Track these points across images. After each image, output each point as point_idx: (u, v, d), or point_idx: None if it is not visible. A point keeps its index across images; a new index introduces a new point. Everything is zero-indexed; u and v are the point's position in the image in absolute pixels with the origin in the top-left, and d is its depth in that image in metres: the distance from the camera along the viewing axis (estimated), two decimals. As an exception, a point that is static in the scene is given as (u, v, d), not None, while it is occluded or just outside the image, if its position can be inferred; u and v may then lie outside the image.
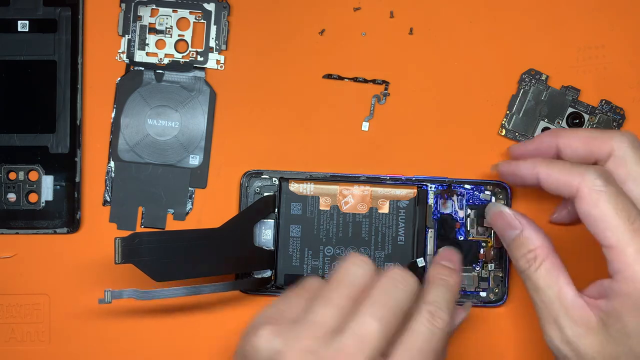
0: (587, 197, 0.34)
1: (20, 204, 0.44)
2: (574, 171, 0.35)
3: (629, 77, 0.45)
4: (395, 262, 0.42)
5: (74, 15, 0.44)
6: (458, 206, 0.43)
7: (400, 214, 0.42)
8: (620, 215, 0.34)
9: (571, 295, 0.35)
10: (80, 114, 0.44)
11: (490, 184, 0.42)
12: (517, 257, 0.37)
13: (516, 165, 0.39)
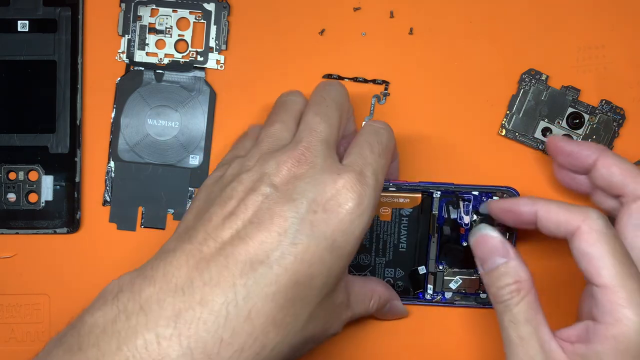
0: (587, 235, 0.34)
1: (20, 204, 0.44)
2: (575, 210, 0.35)
3: (629, 77, 0.45)
4: (396, 269, 0.42)
5: (73, 15, 0.44)
6: (464, 211, 0.41)
7: (403, 222, 0.41)
8: (618, 258, 0.34)
9: (547, 336, 0.35)
10: (80, 114, 0.44)
11: (499, 190, 0.41)
12: (499, 286, 0.36)
13: (514, 202, 0.38)
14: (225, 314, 0.31)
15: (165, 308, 0.31)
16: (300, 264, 0.32)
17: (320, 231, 0.33)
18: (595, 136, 0.44)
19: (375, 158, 0.36)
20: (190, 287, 0.31)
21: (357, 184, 0.34)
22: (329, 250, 0.33)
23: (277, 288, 0.32)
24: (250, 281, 0.31)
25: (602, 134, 0.44)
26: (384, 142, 0.37)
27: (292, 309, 0.32)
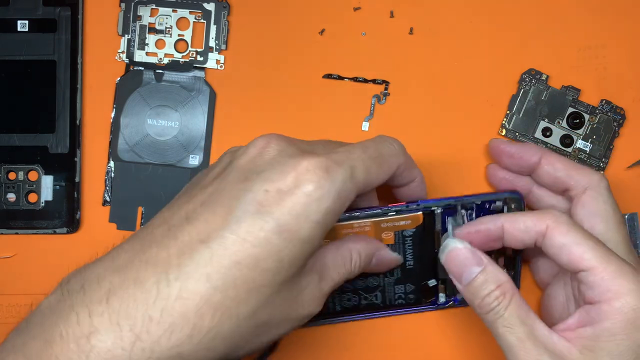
0: (559, 229, 0.35)
1: (20, 204, 0.43)
2: (540, 214, 0.36)
3: (629, 77, 0.45)
4: (406, 284, 0.41)
5: (73, 15, 0.44)
6: (468, 219, 0.40)
7: (407, 242, 0.40)
8: (593, 240, 0.35)
9: (546, 331, 0.35)
10: (80, 113, 0.44)
11: (501, 197, 0.40)
12: (483, 295, 0.35)
13: (478, 222, 0.38)
14: (156, 292, 0.30)
15: (103, 286, 0.31)
16: (241, 244, 0.30)
17: (268, 211, 0.30)
18: (595, 136, 0.44)
19: (363, 157, 0.34)
20: (128, 266, 0.31)
21: (321, 170, 0.31)
22: (276, 232, 0.30)
23: (214, 268, 0.30)
24: (187, 261, 0.30)
25: (602, 134, 0.44)
26: (381, 150, 0.35)
27: (234, 291, 0.30)
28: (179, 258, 0.30)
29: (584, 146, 0.44)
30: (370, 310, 0.42)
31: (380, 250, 0.39)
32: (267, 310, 0.32)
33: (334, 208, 0.32)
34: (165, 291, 0.30)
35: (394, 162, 0.36)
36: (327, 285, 0.35)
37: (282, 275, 0.31)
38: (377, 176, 0.34)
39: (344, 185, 0.32)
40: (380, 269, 0.40)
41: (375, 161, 0.34)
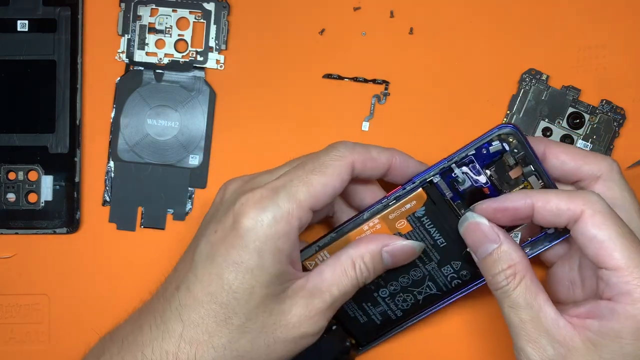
0: (593, 219, 0.34)
1: (20, 204, 0.43)
2: (575, 195, 0.35)
3: (629, 77, 0.45)
4: (451, 263, 0.39)
5: (73, 15, 0.44)
6: (474, 174, 0.37)
7: (425, 222, 0.38)
8: (627, 238, 0.33)
9: (553, 314, 0.34)
10: (80, 113, 0.44)
11: (493, 136, 0.37)
12: (494, 272, 0.35)
13: (505, 199, 0.36)
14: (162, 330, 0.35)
15: None
16: (200, 284, 0.34)
17: (216, 251, 0.34)
18: (595, 136, 0.44)
19: (300, 174, 0.35)
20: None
21: (254, 203, 0.34)
22: (224, 268, 0.34)
23: (184, 309, 0.35)
24: (170, 305, 0.35)
25: (603, 134, 0.44)
26: (322, 160, 0.36)
27: (202, 326, 0.34)
28: (162, 316, 0.35)
29: (584, 146, 0.44)
30: (431, 303, 0.40)
31: (388, 245, 0.38)
32: (245, 338, 0.35)
33: (277, 231, 0.34)
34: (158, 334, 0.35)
35: (340, 164, 0.36)
36: (321, 302, 0.36)
37: (245, 305, 0.34)
38: (323, 186, 0.35)
39: (279, 209, 0.34)
40: (401, 261, 0.38)
41: (316, 172, 0.35)
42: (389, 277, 0.39)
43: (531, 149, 0.37)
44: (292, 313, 0.35)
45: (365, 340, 0.42)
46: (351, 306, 0.40)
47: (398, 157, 0.38)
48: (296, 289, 0.35)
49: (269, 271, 0.34)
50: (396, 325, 0.41)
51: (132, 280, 0.44)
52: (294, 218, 0.34)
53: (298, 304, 0.35)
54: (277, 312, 0.35)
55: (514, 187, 0.38)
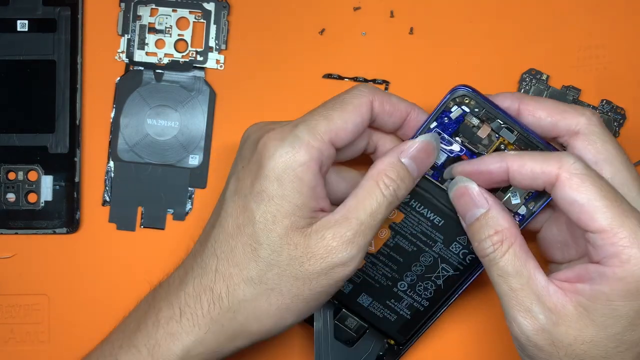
0: (570, 182, 0.32)
1: (20, 204, 0.43)
2: (550, 158, 0.33)
3: (629, 77, 0.44)
4: (457, 239, 0.38)
5: (73, 15, 0.44)
6: (446, 144, 0.37)
7: (414, 205, 0.38)
8: (609, 198, 0.32)
9: (543, 281, 0.33)
10: (80, 113, 0.44)
11: (447, 101, 0.36)
12: (481, 238, 0.34)
13: (480, 162, 0.35)
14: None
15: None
16: (230, 217, 0.35)
17: (241, 186, 0.35)
18: (595, 136, 0.44)
19: (320, 111, 0.35)
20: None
21: (277, 139, 0.34)
22: (251, 200, 0.34)
23: (218, 242, 0.36)
24: (207, 243, 0.37)
25: (603, 134, 0.44)
26: (343, 97, 0.36)
27: (237, 259, 0.35)
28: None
29: (584, 146, 0.44)
30: (453, 284, 0.39)
31: (403, 151, 0.36)
32: (273, 271, 0.34)
33: (295, 160, 0.34)
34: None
35: (360, 102, 0.36)
36: (348, 229, 0.34)
37: (268, 235, 0.34)
38: (344, 121, 0.35)
39: (297, 139, 0.34)
40: (426, 161, 0.37)
41: (337, 108, 0.35)
42: (401, 269, 0.39)
43: (490, 103, 0.36)
44: (318, 245, 0.34)
45: (402, 338, 0.41)
46: (377, 306, 0.40)
47: (416, 112, 0.37)
48: (322, 224, 0.34)
49: (291, 200, 0.34)
50: (428, 317, 0.40)
51: (132, 280, 0.44)
52: (314, 149, 0.34)
53: (325, 237, 0.34)
54: (303, 246, 0.34)
55: (490, 147, 0.37)
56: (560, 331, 0.33)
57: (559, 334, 0.33)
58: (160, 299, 0.36)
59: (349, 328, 0.41)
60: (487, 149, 0.37)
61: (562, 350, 0.33)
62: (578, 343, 0.32)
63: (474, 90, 0.36)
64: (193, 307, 0.35)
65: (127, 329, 0.37)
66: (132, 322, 0.37)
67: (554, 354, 0.33)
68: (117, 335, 0.37)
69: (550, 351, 0.33)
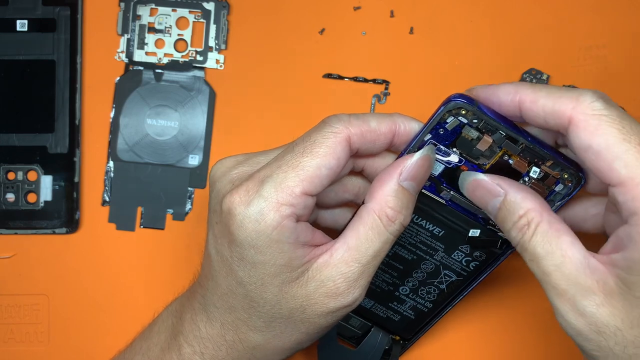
0: (585, 124, 0.28)
1: (19, 204, 0.43)
2: (565, 95, 0.29)
3: (629, 77, 0.44)
4: (459, 248, 0.37)
5: (73, 15, 0.44)
6: (443, 155, 0.34)
7: (413, 218, 0.36)
8: (630, 140, 0.27)
9: (579, 258, 0.29)
10: (79, 113, 0.44)
11: (441, 113, 0.32)
12: (508, 227, 0.31)
13: (494, 89, 0.31)
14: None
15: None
16: (221, 276, 0.33)
17: (220, 246, 0.33)
18: (596, 136, 0.44)
19: (288, 159, 0.31)
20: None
21: (245, 196, 0.31)
22: (235, 264, 0.32)
23: (217, 297, 0.34)
24: (205, 295, 0.35)
25: (603, 134, 0.44)
26: (312, 138, 0.32)
27: (239, 313, 0.34)
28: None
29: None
30: (457, 288, 0.38)
31: (402, 174, 0.32)
32: (277, 321, 0.33)
33: (267, 225, 0.31)
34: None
35: (333, 142, 0.31)
36: (351, 273, 0.32)
37: (263, 296, 0.32)
38: (316, 167, 0.31)
39: (265, 201, 0.31)
40: (425, 175, 0.33)
41: (306, 154, 0.31)
42: (402, 275, 0.39)
43: (489, 113, 0.32)
44: (318, 292, 0.32)
45: (408, 335, 0.41)
46: (380, 308, 0.40)
47: (401, 124, 0.33)
48: (320, 267, 0.32)
49: (273, 263, 0.31)
50: (433, 316, 0.40)
51: (132, 280, 0.44)
52: (285, 206, 0.31)
53: (325, 283, 0.32)
54: (302, 296, 0.32)
55: (492, 157, 0.33)
56: (605, 313, 0.28)
57: (603, 318, 0.28)
58: (178, 333, 0.35)
59: (352, 326, 0.41)
60: (489, 160, 0.33)
61: (611, 338, 0.28)
62: (627, 327, 0.27)
63: (471, 101, 0.32)
64: (212, 349, 0.34)
65: (150, 354, 0.36)
66: (154, 346, 0.36)
67: (603, 345, 0.28)
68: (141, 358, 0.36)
69: (598, 341, 0.28)
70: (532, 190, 0.32)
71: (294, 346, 0.34)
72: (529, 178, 0.33)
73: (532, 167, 0.33)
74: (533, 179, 0.33)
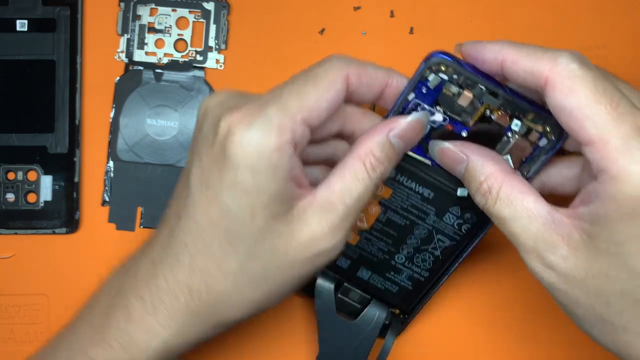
0: (560, 86, 0.29)
1: (19, 204, 0.43)
2: (544, 55, 0.30)
3: (629, 77, 0.44)
4: (450, 209, 0.37)
5: (72, 15, 0.44)
6: (426, 113, 0.35)
7: (402, 180, 0.37)
8: (601, 101, 0.28)
9: (543, 215, 0.30)
10: (79, 113, 0.44)
11: (422, 70, 0.34)
12: (473, 193, 0.33)
13: (481, 47, 0.32)
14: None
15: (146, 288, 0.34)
16: (200, 210, 0.33)
17: (207, 176, 0.32)
18: (595, 136, 0.44)
19: (290, 87, 0.32)
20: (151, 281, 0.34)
21: (246, 117, 0.31)
22: (225, 193, 0.32)
23: (189, 236, 0.33)
24: (175, 235, 0.34)
25: (603, 134, 0.44)
26: (314, 71, 0.32)
27: (214, 253, 0.33)
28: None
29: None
30: (452, 254, 0.39)
31: (394, 129, 0.34)
32: (256, 263, 0.32)
33: (268, 146, 0.30)
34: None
35: (334, 77, 0.32)
36: (335, 216, 0.32)
37: (248, 229, 0.31)
38: (317, 98, 0.32)
39: (268, 123, 0.30)
40: (412, 139, 0.35)
41: (307, 83, 0.32)
42: (396, 243, 0.39)
43: (469, 68, 0.33)
44: (303, 232, 0.32)
45: (407, 307, 0.41)
46: (377, 279, 0.40)
47: (394, 77, 0.35)
48: (304, 206, 0.32)
49: (268, 190, 0.31)
50: (430, 286, 0.40)
51: (132, 280, 0.44)
52: (287, 130, 0.31)
53: (309, 222, 0.32)
54: (287, 234, 0.32)
55: (474, 114, 0.34)
56: (570, 266, 0.30)
57: (569, 269, 0.30)
58: (127, 291, 0.34)
59: (352, 300, 0.41)
60: (472, 116, 0.34)
61: (577, 288, 0.30)
62: (590, 277, 0.29)
63: (451, 57, 0.33)
64: (169, 303, 0.33)
65: (94, 322, 0.34)
66: (99, 314, 0.35)
67: (570, 294, 0.30)
68: (84, 328, 0.35)
69: (565, 290, 0.30)
70: (495, 154, 0.33)
71: (262, 300, 0.33)
72: (512, 133, 0.34)
73: (514, 120, 0.34)
74: (517, 134, 0.34)
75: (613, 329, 0.30)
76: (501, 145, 0.35)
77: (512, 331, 0.44)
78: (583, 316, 0.31)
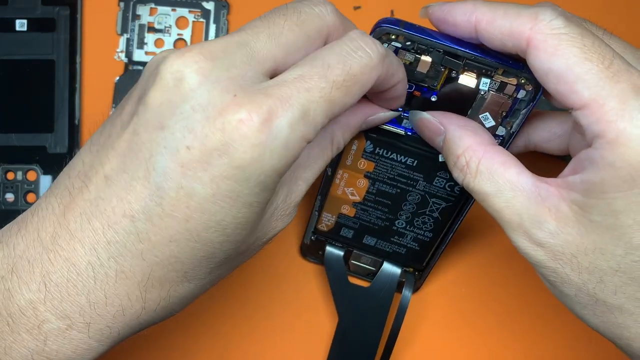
0: (544, 45, 0.25)
1: (19, 204, 0.43)
2: (523, 14, 0.26)
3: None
4: (436, 176, 0.36)
5: (72, 15, 0.44)
6: None
7: (381, 152, 0.36)
8: (592, 59, 0.25)
9: (528, 187, 0.27)
10: (79, 113, 0.44)
11: (376, 32, 0.30)
12: (451, 167, 0.30)
13: (451, 8, 0.28)
14: (93, 275, 0.26)
15: (35, 267, 0.26)
16: (171, 219, 0.25)
17: (192, 178, 0.24)
18: (596, 136, 0.44)
19: (323, 86, 0.25)
20: (55, 243, 0.26)
21: (259, 120, 0.24)
22: (210, 202, 0.25)
23: (146, 246, 0.25)
24: (115, 237, 0.25)
25: (604, 133, 0.44)
26: (351, 67, 0.26)
27: (178, 264, 0.26)
28: (105, 235, 0.25)
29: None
30: (452, 213, 0.38)
31: (372, 116, 0.31)
32: (217, 273, 0.28)
33: (279, 167, 0.25)
34: (102, 272, 0.26)
35: (369, 78, 0.26)
36: (296, 195, 0.29)
37: (227, 235, 0.26)
38: (342, 107, 0.26)
39: (292, 134, 0.24)
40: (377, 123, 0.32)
41: (342, 88, 0.26)
42: (393, 210, 0.39)
43: (422, 33, 0.30)
44: (283, 206, 0.29)
45: (419, 265, 0.41)
46: (384, 244, 0.41)
47: (401, 78, 0.30)
48: (284, 181, 0.29)
49: (257, 206, 0.26)
50: (438, 243, 0.40)
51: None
52: (302, 148, 0.26)
53: (274, 213, 0.28)
54: (271, 210, 0.28)
55: (439, 77, 0.31)
56: (559, 242, 0.27)
57: (559, 246, 0.27)
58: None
59: (365, 264, 0.42)
60: (437, 81, 0.31)
61: (567, 265, 0.27)
62: (582, 253, 0.26)
63: (396, 23, 0.30)
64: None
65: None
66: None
67: (560, 272, 0.27)
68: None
69: (554, 268, 0.27)
70: (476, 125, 0.31)
71: (213, 279, 0.28)
72: (484, 91, 0.31)
73: (482, 78, 0.31)
74: (492, 91, 0.31)
75: (606, 309, 0.27)
76: (477, 104, 0.32)
77: (526, 280, 0.43)
78: (574, 296, 0.28)
